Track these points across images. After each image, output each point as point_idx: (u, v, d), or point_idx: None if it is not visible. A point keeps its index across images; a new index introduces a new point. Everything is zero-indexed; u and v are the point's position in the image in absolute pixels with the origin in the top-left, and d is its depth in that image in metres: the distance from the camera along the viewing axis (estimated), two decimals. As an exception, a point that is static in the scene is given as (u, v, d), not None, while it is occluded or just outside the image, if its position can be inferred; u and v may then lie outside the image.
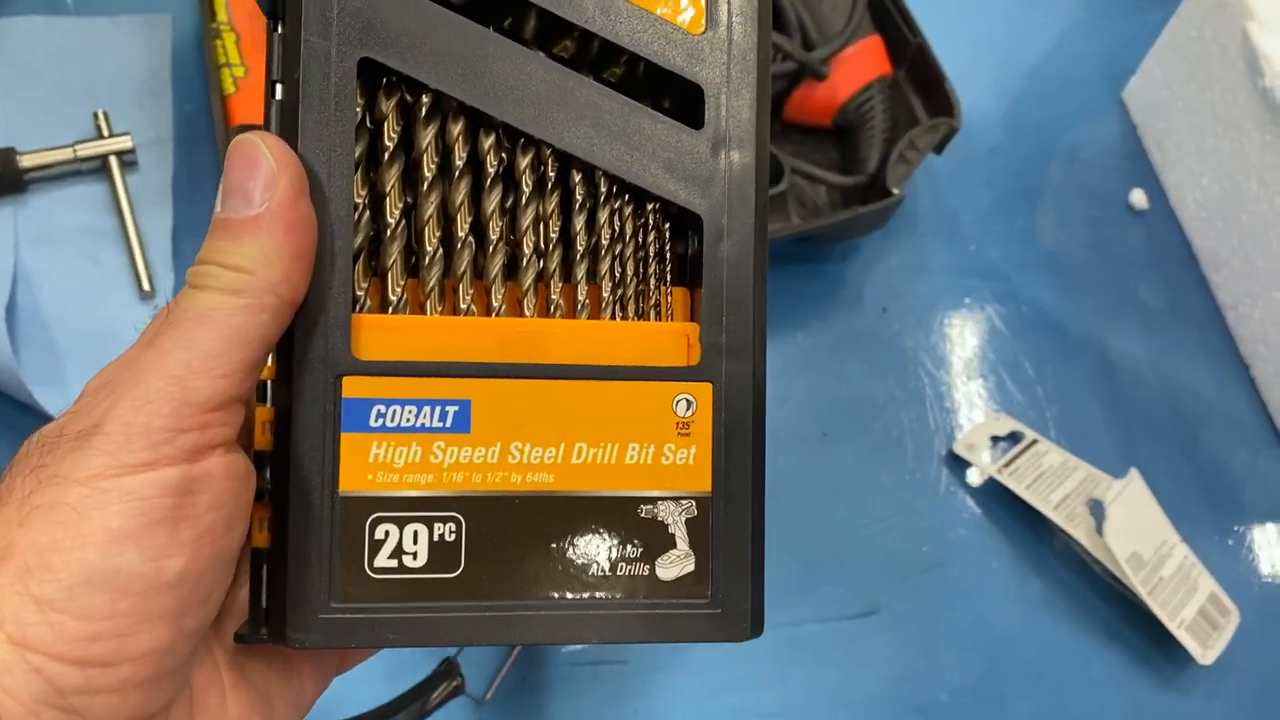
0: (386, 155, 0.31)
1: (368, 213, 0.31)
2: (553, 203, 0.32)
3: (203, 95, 0.64)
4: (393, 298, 0.31)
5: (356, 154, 0.30)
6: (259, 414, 0.31)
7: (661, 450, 0.31)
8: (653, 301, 0.33)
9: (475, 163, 0.32)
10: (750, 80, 0.32)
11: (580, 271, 0.32)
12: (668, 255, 0.33)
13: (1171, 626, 0.56)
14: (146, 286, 0.59)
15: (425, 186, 0.31)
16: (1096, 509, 0.58)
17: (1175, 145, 0.70)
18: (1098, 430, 0.63)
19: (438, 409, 0.30)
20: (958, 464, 0.61)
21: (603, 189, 0.32)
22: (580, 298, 0.32)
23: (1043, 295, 0.67)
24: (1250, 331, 0.65)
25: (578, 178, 0.32)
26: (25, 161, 0.60)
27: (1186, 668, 0.57)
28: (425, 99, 0.31)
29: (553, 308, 0.32)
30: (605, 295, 0.33)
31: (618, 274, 0.33)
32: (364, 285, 0.31)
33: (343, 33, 0.30)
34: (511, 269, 0.32)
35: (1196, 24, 0.67)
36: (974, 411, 0.63)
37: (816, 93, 0.65)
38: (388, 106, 0.31)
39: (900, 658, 0.57)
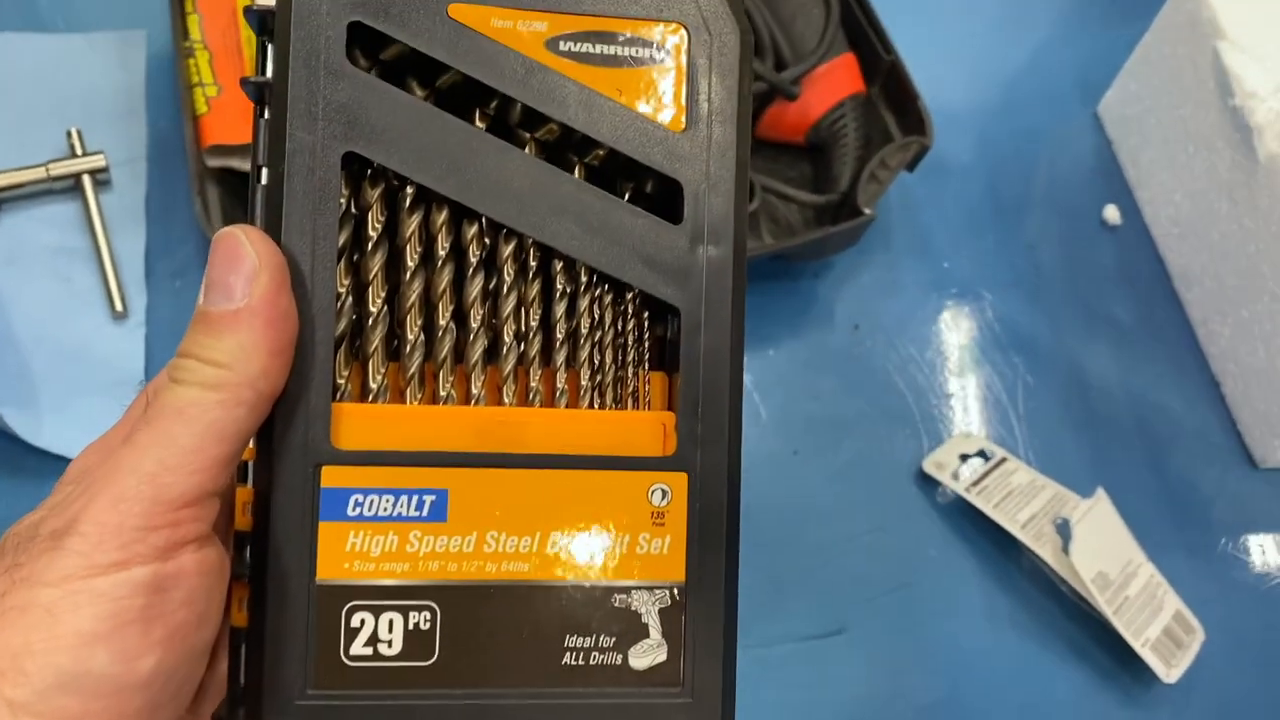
0: (371, 244, 0.32)
1: (350, 299, 0.32)
2: (534, 290, 0.33)
3: (176, 114, 0.64)
4: (373, 385, 0.31)
5: (340, 242, 0.31)
6: (239, 494, 0.31)
7: (636, 539, 0.31)
8: (630, 389, 0.33)
9: (458, 251, 0.32)
10: (728, 177, 0.32)
11: (560, 357, 0.33)
12: (645, 340, 0.34)
13: (1136, 645, 0.56)
14: (119, 307, 0.59)
15: (408, 275, 0.32)
16: (1063, 528, 0.58)
17: (1149, 161, 0.70)
18: (1067, 447, 0.64)
19: (414, 498, 0.30)
20: (927, 482, 0.62)
21: (583, 278, 0.33)
22: (559, 384, 0.33)
23: (1015, 312, 0.67)
24: (1220, 349, 0.66)
25: (559, 266, 0.33)
26: None
27: (1151, 686, 0.58)
28: (410, 189, 0.32)
29: (532, 394, 0.33)
30: (584, 382, 0.33)
31: (596, 360, 0.33)
32: (345, 372, 0.31)
33: (328, 127, 0.30)
34: (492, 353, 0.33)
35: (1169, 41, 0.67)
36: (944, 429, 0.63)
37: (789, 110, 0.65)
38: (373, 196, 0.32)
39: (868, 677, 0.57)
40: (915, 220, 0.69)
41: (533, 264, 0.33)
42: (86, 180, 0.61)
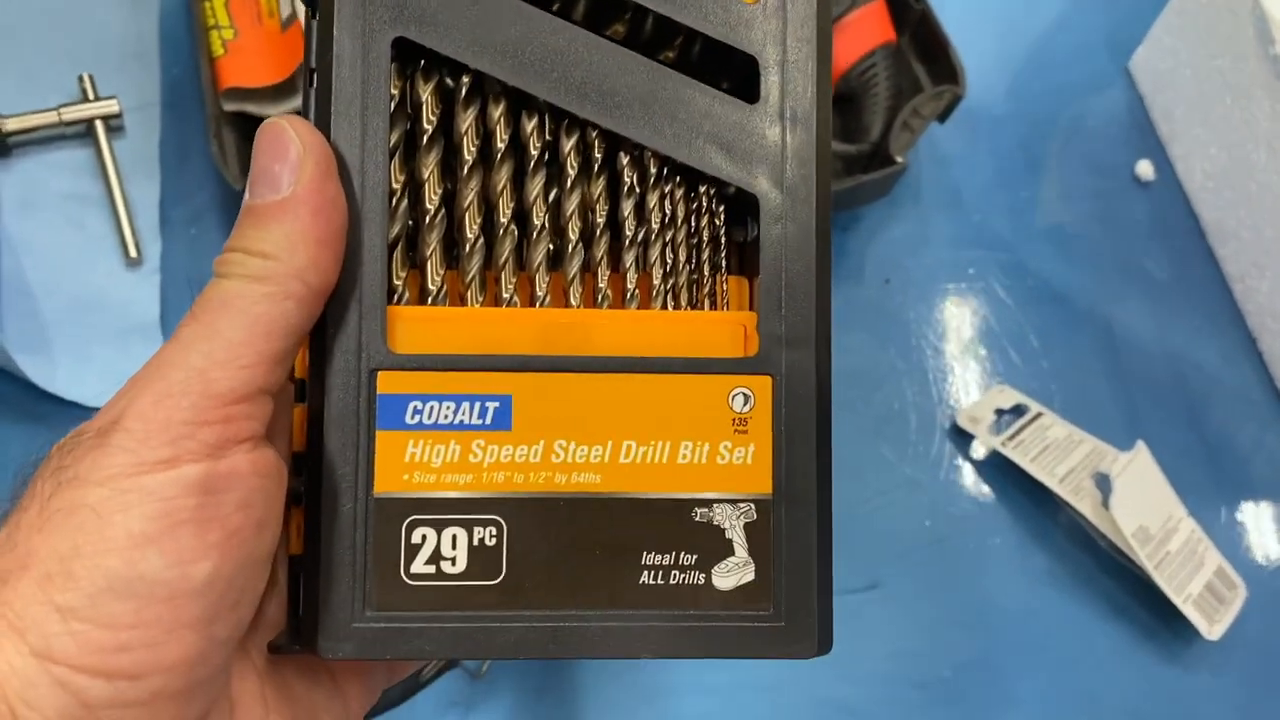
0: (425, 140, 0.29)
1: (405, 201, 0.30)
2: (599, 187, 0.31)
3: (191, 58, 0.62)
4: (431, 288, 0.29)
5: (393, 139, 0.29)
6: (296, 413, 0.29)
7: (717, 449, 0.29)
8: (706, 290, 0.31)
9: (517, 146, 0.30)
10: (808, 49, 0.30)
11: (629, 259, 0.30)
12: (722, 241, 0.31)
13: (1178, 601, 0.55)
14: (133, 253, 0.57)
15: (465, 172, 0.30)
16: (1102, 482, 0.57)
17: (1182, 115, 0.69)
18: (1103, 403, 0.62)
19: (477, 405, 0.28)
20: (961, 437, 0.60)
21: (652, 171, 0.31)
22: (629, 287, 0.30)
23: (1047, 267, 0.66)
24: (1258, 304, 0.64)
25: (626, 160, 0.31)
26: (8, 125, 0.58)
27: (1193, 643, 0.56)
28: (465, 80, 0.30)
29: (600, 298, 0.30)
30: (656, 284, 0.31)
31: (669, 261, 0.31)
32: (401, 276, 0.29)
33: (376, 12, 0.28)
34: (556, 258, 0.31)
35: (1205, -9, 0.65)
36: (977, 384, 0.62)
37: (819, 59, 0.64)
38: (426, 90, 0.29)
39: (902, 633, 0.56)
40: (946, 174, 0.68)
41: (597, 157, 0.30)
42: (99, 125, 0.59)
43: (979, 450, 0.60)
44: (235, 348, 0.25)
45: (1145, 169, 0.69)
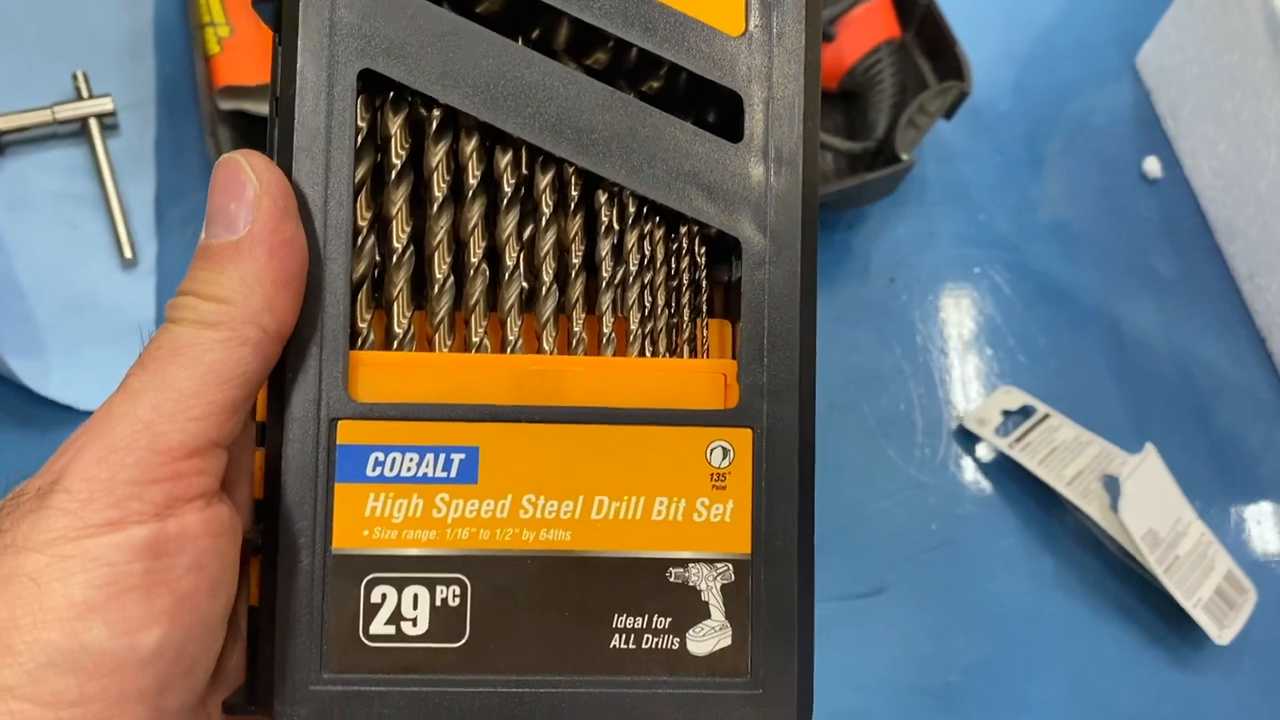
0: (394, 175, 0.27)
1: (372, 238, 0.27)
2: (576, 225, 0.28)
3: (186, 55, 0.60)
4: (398, 330, 0.27)
5: (360, 174, 0.27)
6: (257, 458, 0.27)
7: (694, 506, 0.27)
8: (686, 336, 0.29)
9: (490, 182, 0.28)
10: (795, 86, 0.28)
11: (605, 302, 0.28)
12: (703, 285, 0.29)
13: (1187, 605, 0.53)
14: (128, 254, 0.55)
15: (435, 208, 0.28)
16: (1111, 485, 0.56)
17: (1190, 112, 0.67)
18: (1110, 404, 0.61)
19: (441, 457, 0.27)
20: (967, 439, 0.58)
21: (631, 210, 0.28)
22: (605, 331, 0.28)
23: (1054, 266, 0.64)
24: (1267, 304, 0.63)
25: (603, 197, 0.28)
26: (0, 124, 0.57)
27: (1202, 647, 0.54)
28: (436, 113, 0.28)
29: (574, 342, 0.28)
30: (633, 328, 0.28)
31: (647, 305, 0.29)
32: (367, 318, 0.27)
33: (342, 41, 0.26)
34: (530, 299, 0.28)
35: (1215, -15, 0.64)
36: (984, 385, 0.60)
37: (823, 56, 0.63)
38: (395, 122, 0.27)
39: (910, 637, 0.54)
40: (950, 172, 0.66)
41: (574, 195, 0.28)
42: (93, 124, 0.57)
43: (986, 452, 0.58)
44: (186, 399, 0.24)
45: (1153, 166, 0.68)
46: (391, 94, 0.28)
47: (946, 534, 0.56)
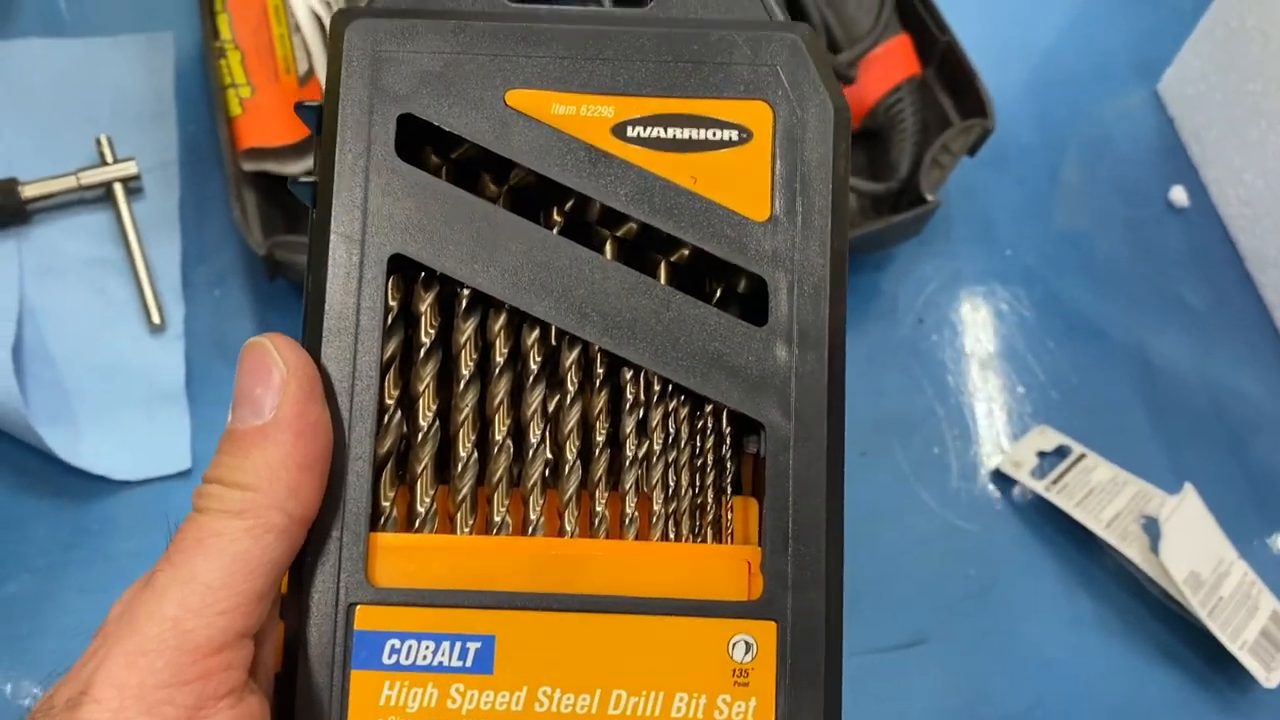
0: (422, 352, 0.27)
1: (399, 414, 0.27)
2: (600, 402, 0.28)
3: (207, 115, 0.59)
4: (420, 509, 0.26)
5: (390, 350, 0.26)
6: (280, 630, 0.26)
7: (715, 703, 0.26)
8: (710, 518, 0.28)
9: (516, 358, 0.27)
10: (821, 272, 0.27)
11: (629, 480, 0.27)
12: (728, 465, 0.28)
13: (1233, 648, 0.52)
14: (156, 319, 0.54)
15: (462, 386, 0.27)
16: (1151, 526, 0.54)
17: (1215, 140, 0.66)
18: (1144, 438, 0.59)
19: (458, 645, 0.26)
20: (1003, 481, 0.56)
21: (656, 386, 0.28)
22: (628, 510, 0.27)
23: (1082, 300, 0.62)
24: (1301, 333, 0.62)
25: (628, 375, 0.27)
26: (27, 191, 0.54)
27: (1249, 690, 0.52)
28: (465, 290, 0.27)
29: (596, 521, 0.27)
30: (656, 508, 0.27)
31: (670, 484, 0.28)
32: (390, 495, 0.26)
33: (375, 226, 0.26)
34: (552, 474, 0.27)
35: (1237, 13, 0.62)
36: (1016, 424, 0.59)
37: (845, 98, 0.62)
38: (425, 300, 0.27)
39: (950, 688, 0.52)
40: (974, 208, 0.64)
41: (599, 372, 0.28)
42: (118, 188, 0.56)
43: (1023, 495, 0.57)
44: (213, 592, 0.23)
45: (1179, 195, 0.66)
46: (423, 274, 0.27)
47: (985, 580, 0.54)
